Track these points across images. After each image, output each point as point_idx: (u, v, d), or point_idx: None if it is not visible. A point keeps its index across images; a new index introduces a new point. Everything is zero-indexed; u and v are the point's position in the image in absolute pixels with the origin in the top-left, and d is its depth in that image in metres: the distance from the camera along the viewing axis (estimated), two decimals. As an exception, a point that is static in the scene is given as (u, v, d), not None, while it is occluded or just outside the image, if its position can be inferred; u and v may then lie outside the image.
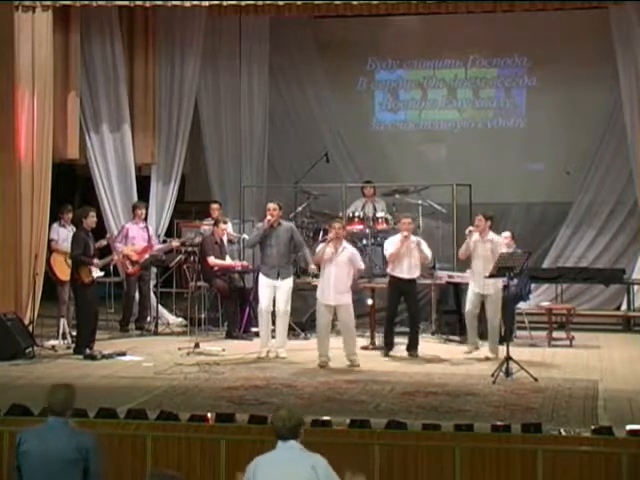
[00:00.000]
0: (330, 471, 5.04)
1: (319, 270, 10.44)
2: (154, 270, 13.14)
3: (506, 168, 14.97)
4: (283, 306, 10.64)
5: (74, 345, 10.84)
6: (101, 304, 11.98)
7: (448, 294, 12.40)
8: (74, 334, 11.19)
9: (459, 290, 12.00)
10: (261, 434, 6.65)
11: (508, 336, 10.06)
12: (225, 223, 12.56)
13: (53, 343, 11.18)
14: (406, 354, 10.77)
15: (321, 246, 10.51)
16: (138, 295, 12.71)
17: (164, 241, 13.21)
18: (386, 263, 11.22)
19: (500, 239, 10.84)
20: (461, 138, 15.38)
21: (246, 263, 12.59)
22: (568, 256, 14.29)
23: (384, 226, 13.08)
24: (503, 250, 10.52)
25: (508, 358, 9.39)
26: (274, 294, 10.65)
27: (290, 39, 15.39)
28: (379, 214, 13.27)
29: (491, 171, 14.85)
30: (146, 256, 12.54)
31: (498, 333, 10.64)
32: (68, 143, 12.32)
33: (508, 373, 9.32)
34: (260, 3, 11.82)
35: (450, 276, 12.11)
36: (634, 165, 12.90)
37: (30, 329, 10.97)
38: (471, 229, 10.72)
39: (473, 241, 10.67)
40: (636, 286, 13.17)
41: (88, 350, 10.52)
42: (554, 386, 9.00)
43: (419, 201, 13.40)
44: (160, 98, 13.60)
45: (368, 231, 13.12)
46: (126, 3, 11.67)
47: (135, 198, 13.25)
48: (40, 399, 5.67)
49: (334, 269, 10.21)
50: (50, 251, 11.82)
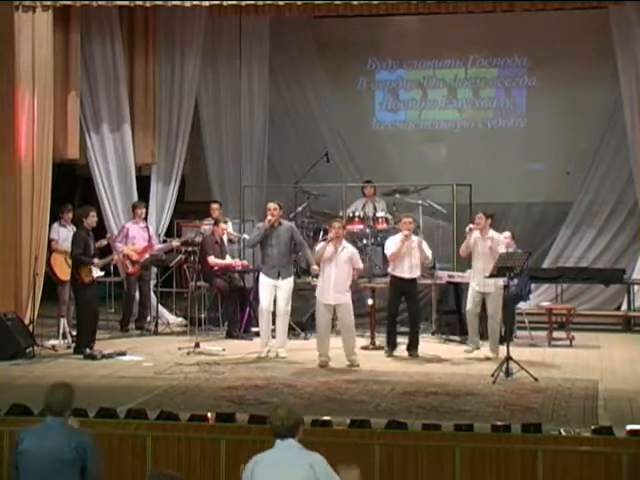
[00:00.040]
0: (328, 470, 5.04)
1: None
2: (154, 270, 13.14)
3: (506, 168, 14.97)
4: (283, 306, 10.64)
5: (74, 345, 10.85)
6: (101, 304, 11.99)
7: (448, 294, 12.39)
8: (74, 334, 11.20)
9: (459, 290, 12.00)
10: (261, 434, 6.64)
11: (508, 336, 10.05)
12: (225, 223, 12.56)
13: (53, 343, 11.19)
14: (406, 354, 10.77)
15: (320, 245, 10.52)
16: (138, 295, 12.72)
17: (164, 241, 13.22)
18: (387, 263, 11.22)
19: (501, 237, 10.83)
20: (461, 138, 15.38)
21: (246, 263, 12.59)
22: (568, 256, 14.29)
23: (384, 226, 13.09)
24: (501, 248, 10.51)
25: (508, 358, 9.39)
26: (274, 294, 10.65)
27: (290, 39, 15.40)
28: (379, 214, 13.28)
29: (491, 171, 14.85)
30: (146, 256, 12.54)
31: (499, 332, 10.64)
32: (68, 143, 12.32)
33: (508, 373, 9.32)
34: (260, 3, 11.82)
35: (450, 276, 12.11)
36: (634, 165, 12.91)
37: (30, 329, 10.97)
38: (471, 227, 10.72)
39: (473, 239, 10.67)
40: (636, 286, 13.17)
41: (88, 350, 10.53)
42: (554, 386, 9.00)
43: (419, 201, 13.40)
44: (160, 98, 13.61)
45: (368, 231, 13.13)
46: (126, 3, 11.68)
47: (135, 198, 13.25)
48: (40, 399, 5.64)
49: (334, 269, 10.20)
50: (50, 251, 11.82)
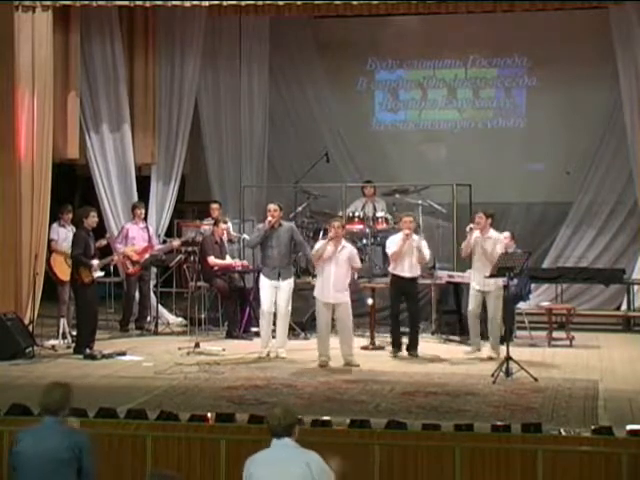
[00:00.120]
0: (325, 468, 5.04)
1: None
2: (154, 270, 13.14)
3: (506, 168, 14.97)
4: (284, 306, 10.64)
5: (74, 345, 10.85)
6: (101, 304, 12.00)
7: (448, 294, 12.38)
8: (74, 334, 11.20)
9: (459, 290, 12.00)
10: (261, 434, 6.62)
11: (508, 336, 10.05)
12: (225, 223, 12.56)
13: (53, 343, 11.19)
14: (406, 354, 10.77)
15: (319, 244, 10.51)
16: (138, 295, 12.71)
17: (164, 241, 13.21)
18: (387, 262, 11.22)
19: (501, 237, 10.82)
20: (461, 138, 15.37)
21: (246, 263, 12.59)
22: (568, 256, 14.28)
23: (384, 226, 13.09)
24: (499, 247, 10.48)
25: (508, 358, 9.39)
26: (275, 295, 10.65)
27: (290, 39, 15.39)
28: (379, 214, 13.29)
29: (491, 171, 14.85)
30: (146, 256, 12.54)
31: (499, 331, 10.63)
32: (68, 143, 12.31)
33: (508, 373, 9.32)
34: (260, 3, 11.82)
35: (450, 276, 12.11)
36: (634, 165, 12.90)
37: (30, 329, 10.97)
38: (472, 227, 10.71)
39: (474, 238, 10.67)
40: (636, 286, 13.16)
41: (88, 350, 10.52)
42: (554, 386, 9.00)
43: (419, 201, 13.40)
44: (160, 98, 13.60)
45: (368, 231, 13.13)
46: (126, 3, 11.67)
47: (135, 198, 13.24)
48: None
49: (334, 268, 10.19)
50: (50, 251, 11.82)
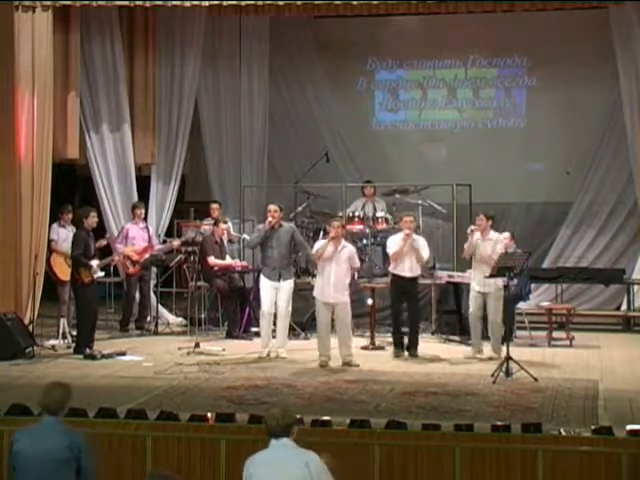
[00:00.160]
0: (324, 468, 5.04)
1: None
2: (154, 270, 13.14)
3: (506, 168, 14.97)
4: (284, 307, 10.63)
5: (74, 345, 10.85)
6: (101, 304, 12.00)
7: (448, 294, 12.38)
8: (74, 334, 11.20)
9: (459, 290, 12.00)
10: (261, 434, 6.60)
11: (508, 336, 10.05)
12: (225, 223, 12.56)
13: (53, 343, 11.19)
14: (406, 354, 10.77)
15: (318, 244, 10.51)
16: (138, 295, 12.71)
17: (164, 241, 13.21)
18: (388, 262, 11.21)
19: (501, 237, 10.82)
20: (461, 138, 15.38)
21: (246, 263, 12.59)
22: (568, 256, 14.28)
23: (384, 226, 13.09)
24: (499, 247, 10.48)
25: (508, 358, 9.39)
26: (276, 295, 10.65)
27: (290, 39, 15.39)
28: (379, 214, 13.28)
29: (491, 171, 14.85)
30: (146, 256, 12.54)
31: (500, 333, 10.61)
32: (68, 143, 12.31)
33: (508, 373, 9.31)
34: (260, 3, 11.81)
35: (450, 276, 12.11)
36: (634, 165, 12.90)
37: (30, 329, 10.96)
38: (473, 228, 10.71)
39: (474, 240, 10.66)
40: (636, 286, 13.16)
41: (88, 350, 10.52)
42: (554, 386, 9.00)
43: (419, 201, 13.40)
44: (160, 98, 13.60)
45: (368, 231, 13.12)
46: (126, 3, 11.67)
47: (135, 198, 13.24)
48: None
49: (334, 267, 10.20)
50: (50, 251, 11.82)
